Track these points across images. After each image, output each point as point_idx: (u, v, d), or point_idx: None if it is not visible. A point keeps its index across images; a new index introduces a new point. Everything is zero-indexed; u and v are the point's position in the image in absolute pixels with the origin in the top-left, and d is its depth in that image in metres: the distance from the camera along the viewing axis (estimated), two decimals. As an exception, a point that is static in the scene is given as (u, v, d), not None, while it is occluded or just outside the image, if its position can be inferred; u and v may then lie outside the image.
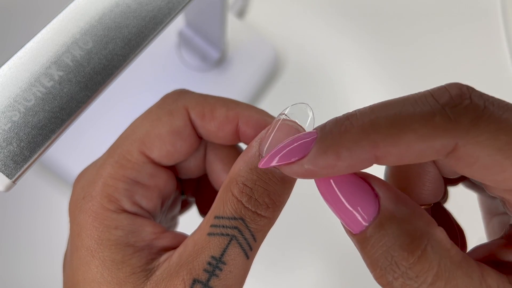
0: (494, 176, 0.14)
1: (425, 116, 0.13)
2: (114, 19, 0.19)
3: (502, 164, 0.13)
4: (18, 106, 0.18)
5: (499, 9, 0.51)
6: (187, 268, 0.16)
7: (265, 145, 0.16)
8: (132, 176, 0.19)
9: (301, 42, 0.49)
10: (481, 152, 0.13)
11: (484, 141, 0.13)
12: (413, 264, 0.13)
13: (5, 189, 0.17)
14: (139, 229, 0.18)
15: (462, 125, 0.13)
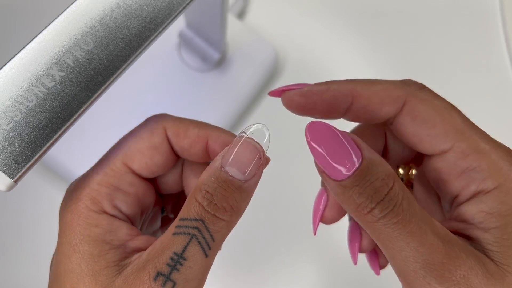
0: (429, 130, 0.18)
1: (390, 81, 0.19)
2: (115, 20, 0.20)
3: (435, 119, 0.18)
4: (20, 106, 0.18)
5: (498, 8, 0.51)
6: (152, 263, 0.18)
7: (227, 159, 0.19)
8: (114, 183, 0.21)
9: (301, 43, 0.49)
10: (421, 107, 0.18)
11: (424, 100, 0.19)
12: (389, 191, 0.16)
13: (7, 189, 0.17)
14: (116, 230, 0.20)
15: (412, 88, 0.19)
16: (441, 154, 0.18)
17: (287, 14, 0.50)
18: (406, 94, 0.19)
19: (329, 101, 0.19)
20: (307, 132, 0.18)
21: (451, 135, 0.18)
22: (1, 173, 0.17)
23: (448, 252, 0.16)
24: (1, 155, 0.17)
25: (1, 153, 0.17)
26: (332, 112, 0.19)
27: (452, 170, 0.18)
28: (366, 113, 0.19)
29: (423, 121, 0.18)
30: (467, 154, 0.18)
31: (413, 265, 0.16)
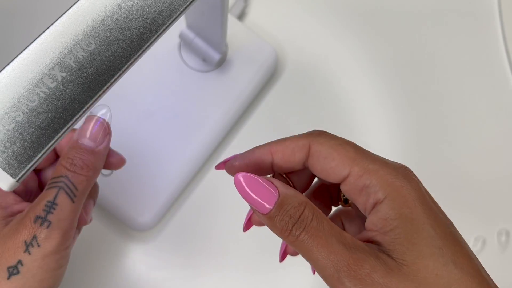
0: (330, 164, 0.22)
1: (296, 136, 0.24)
2: (116, 21, 0.20)
3: (332, 155, 0.22)
4: (22, 106, 0.18)
5: (496, 9, 0.52)
6: (32, 211, 0.24)
7: (80, 133, 0.26)
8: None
9: (301, 43, 0.49)
10: (321, 147, 0.23)
11: (323, 142, 0.23)
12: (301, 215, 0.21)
13: (9, 188, 0.18)
14: (4, 195, 0.26)
15: (313, 136, 0.24)
16: (344, 180, 0.22)
17: (287, 15, 0.50)
18: (309, 141, 0.23)
19: (257, 162, 0.24)
20: (236, 182, 0.22)
21: (347, 164, 0.22)
22: (4, 172, 0.17)
23: (352, 256, 0.20)
24: (4, 154, 0.17)
25: (4, 152, 0.17)
26: (261, 169, 0.25)
27: (354, 190, 0.22)
28: (286, 163, 0.24)
29: (324, 158, 0.23)
30: (360, 175, 0.22)
31: (329, 270, 0.20)
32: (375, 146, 0.47)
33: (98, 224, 0.43)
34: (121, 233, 0.43)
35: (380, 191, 0.21)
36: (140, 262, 0.43)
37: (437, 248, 0.20)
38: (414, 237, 0.20)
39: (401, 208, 0.21)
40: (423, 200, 0.21)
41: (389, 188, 0.21)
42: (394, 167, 0.22)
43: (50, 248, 0.23)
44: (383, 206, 0.21)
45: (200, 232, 0.44)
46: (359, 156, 0.22)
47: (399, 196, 0.21)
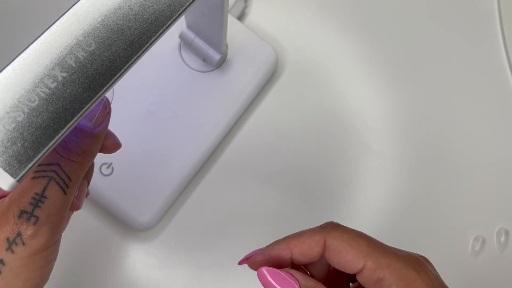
0: (345, 258, 0.24)
1: (311, 229, 0.26)
2: (117, 21, 0.20)
3: (346, 249, 0.24)
4: (22, 106, 0.18)
5: (496, 9, 0.52)
6: (15, 204, 0.21)
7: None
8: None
9: (301, 44, 0.49)
10: (336, 242, 0.24)
11: (337, 237, 0.24)
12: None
13: (10, 189, 0.18)
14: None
15: (327, 230, 0.25)
16: (359, 272, 0.24)
17: (287, 15, 0.50)
18: (323, 235, 0.25)
19: (277, 257, 0.26)
20: (261, 275, 0.24)
21: (361, 258, 0.23)
22: (4, 172, 0.17)
23: None
24: (4, 154, 0.17)
25: (4, 152, 0.17)
26: (282, 263, 0.26)
27: (370, 282, 0.24)
28: (304, 257, 0.25)
29: (339, 253, 0.24)
30: (374, 269, 0.23)
31: None
32: (375, 145, 0.47)
33: (98, 224, 0.43)
34: (121, 233, 0.43)
35: (393, 284, 0.23)
36: (140, 262, 0.43)
37: None
38: None
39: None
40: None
41: (401, 283, 0.23)
42: (405, 259, 0.24)
43: (38, 246, 0.21)
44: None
45: (200, 231, 0.44)
46: (371, 250, 0.24)
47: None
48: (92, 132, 0.22)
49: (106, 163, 0.41)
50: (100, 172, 0.41)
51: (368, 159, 0.47)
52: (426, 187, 0.47)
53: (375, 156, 0.47)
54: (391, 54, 0.50)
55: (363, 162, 0.46)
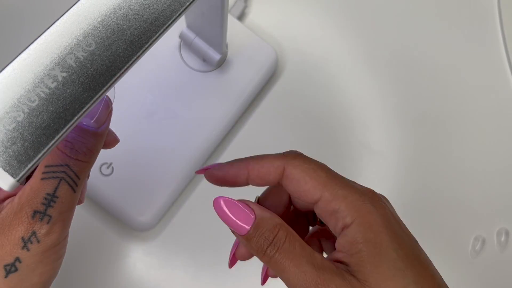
0: (302, 188, 0.24)
1: (273, 155, 0.25)
2: (117, 21, 0.20)
3: (305, 179, 0.24)
4: (22, 106, 0.18)
5: (496, 9, 0.52)
6: (28, 205, 0.22)
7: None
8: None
9: (301, 44, 0.49)
10: (295, 171, 0.24)
11: (297, 166, 0.24)
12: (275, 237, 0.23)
13: (10, 188, 0.18)
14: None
15: (288, 158, 0.25)
16: (316, 203, 0.24)
17: (287, 16, 0.50)
18: (284, 163, 0.25)
19: (234, 175, 0.26)
20: (216, 205, 0.24)
21: (318, 188, 0.23)
22: (4, 172, 0.17)
23: (320, 276, 0.21)
24: (4, 154, 0.17)
25: (4, 152, 0.17)
26: (237, 182, 0.26)
27: (325, 213, 0.24)
28: (261, 180, 0.25)
29: (297, 181, 0.24)
30: (330, 200, 0.23)
31: (292, 284, 0.22)
32: (375, 145, 0.47)
33: (98, 224, 0.43)
34: (121, 233, 0.43)
35: (348, 216, 0.23)
36: (141, 262, 0.43)
37: (399, 270, 0.22)
38: (377, 260, 0.22)
39: (366, 232, 0.22)
40: (387, 225, 0.23)
41: (356, 214, 0.23)
42: (362, 192, 0.24)
43: (51, 242, 0.22)
44: (350, 230, 0.23)
45: (200, 231, 0.44)
46: (329, 181, 0.24)
47: (365, 221, 0.22)
48: (96, 132, 0.23)
49: (106, 163, 0.41)
50: (100, 172, 0.41)
51: (368, 159, 0.47)
52: (426, 187, 0.47)
53: (375, 156, 0.47)
54: (391, 54, 0.50)
55: (363, 162, 0.46)
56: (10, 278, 0.22)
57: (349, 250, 0.22)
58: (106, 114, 0.24)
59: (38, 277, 0.23)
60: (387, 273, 0.22)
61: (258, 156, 0.26)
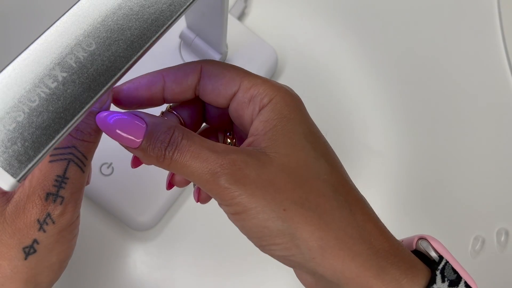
0: (221, 81, 0.23)
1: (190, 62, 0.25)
2: (117, 21, 0.20)
3: (223, 72, 0.24)
4: (23, 106, 0.18)
5: (496, 9, 0.52)
6: (39, 187, 0.22)
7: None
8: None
9: (301, 44, 0.49)
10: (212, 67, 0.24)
11: (215, 64, 0.24)
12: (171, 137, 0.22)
13: (10, 188, 0.18)
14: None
15: (205, 60, 0.25)
16: (234, 96, 0.23)
17: (287, 16, 0.50)
18: (200, 63, 0.24)
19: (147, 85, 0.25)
20: (100, 121, 0.22)
21: (237, 79, 0.23)
22: (4, 172, 0.17)
23: (224, 158, 0.21)
24: (4, 154, 0.17)
25: (4, 152, 0.17)
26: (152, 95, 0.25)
27: (243, 104, 0.23)
28: (178, 85, 0.24)
29: (215, 76, 0.24)
30: (249, 87, 0.23)
31: (205, 177, 0.21)
32: (375, 145, 0.47)
33: (98, 224, 0.43)
34: (121, 233, 0.43)
35: (266, 97, 0.23)
36: (141, 262, 0.43)
37: (311, 143, 0.22)
38: (290, 132, 0.22)
39: (282, 109, 0.22)
40: (302, 107, 0.23)
41: (273, 94, 0.23)
42: (280, 83, 0.24)
43: (65, 222, 0.23)
44: (265, 110, 0.22)
45: (200, 231, 0.44)
46: (248, 74, 0.24)
47: (282, 100, 0.22)
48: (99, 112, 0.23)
49: (106, 163, 0.41)
50: (100, 172, 0.41)
51: (368, 159, 0.47)
52: (426, 187, 0.47)
53: (375, 156, 0.47)
54: (391, 54, 0.50)
55: (363, 162, 0.46)
56: (30, 260, 0.22)
57: (263, 129, 0.22)
58: (107, 94, 0.24)
59: (56, 256, 0.23)
60: (298, 145, 0.22)
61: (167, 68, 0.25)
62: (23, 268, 0.22)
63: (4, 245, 0.22)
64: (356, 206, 0.22)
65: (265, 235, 0.21)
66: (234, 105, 0.24)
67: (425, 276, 0.22)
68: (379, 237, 0.22)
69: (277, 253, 0.22)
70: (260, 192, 0.21)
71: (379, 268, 0.21)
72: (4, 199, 0.23)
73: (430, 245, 0.23)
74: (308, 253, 0.21)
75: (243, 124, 0.24)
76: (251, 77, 0.24)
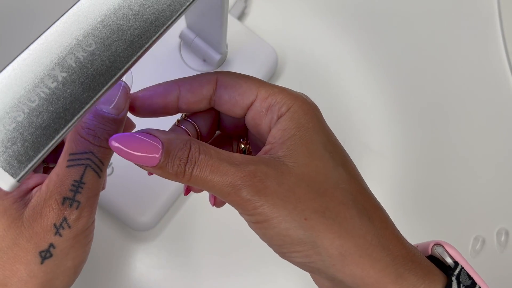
0: (238, 91, 0.24)
1: (204, 72, 0.25)
2: (117, 21, 0.20)
3: (239, 83, 0.24)
4: (22, 106, 0.18)
5: (496, 9, 0.52)
6: (56, 192, 0.22)
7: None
8: None
9: (301, 43, 0.49)
10: (228, 78, 0.24)
11: (230, 74, 0.24)
12: (189, 153, 0.21)
13: (10, 189, 0.18)
14: None
15: (220, 71, 0.25)
16: (251, 106, 0.24)
17: (287, 16, 0.50)
18: (216, 74, 0.24)
19: (162, 93, 0.25)
20: (114, 145, 0.22)
21: (254, 89, 0.23)
22: (4, 172, 0.17)
23: (243, 171, 0.21)
24: (4, 154, 0.17)
25: (4, 152, 0.17)
26: (167, 104, 0.25)
27: (261, 113, 0.24)
28: (194, 95, 0.24)
29: (231, 87, 0.24)
30: (266, 97, 0.23)
31: (227, 189, 0.21)
32: (375, 145, 0.47)
33: (98, 224, 0.43)
34: (121, 233, 0.43)
35: (284, 105, 0.23)
36: (141, 262, 0.43)
37: (329, 153, 0.22)
38: (308, 142, 0.22)
39: (300, 118, 0.23)
40: (320, 116, 0.24)
41: (291, 102, 0.23)
42: (297, 92, 0.24)
43: (81, 226, 0.23)
44: (284, 119, 0.23)
45: (200, 231, 0.44)
46: (264, 83, 0.24)
47: (300, 109, 0.23)
48: (116, 118, 0.24)
49: (106, 163, 0.41)
50: (100, 172, 0.41)
51: (368, 159, 0.47)
52: (426, 187, 0.47)
53: (375, 156, 0.47)
54: (391, 54, 0.50)
55: (363, 162, 0.46)
56: (46, 264, 0.23)
57: (281, 138, 0.22)
58: (125, 100, 0.24)
59: (72, 261, 0.23)
60: (316, 154, 0.22)
61: (190, 77, 0.25)
62: (39, 272, 0.22)
63: (22, 249, 0.22)
64: (375, 214, 0.22)
65: (286, 243, 0.22)
66: (251, 114, 0.24)
67: (441, 282, 0.22)
68: (397, 243, 0.22)
69: (297, 260, 0.22)
70: (282, 202, 0.21)
71: (397, 274, 0.21)
72: (22, 203, 0.23)
73: (445, 251, 0.24)
74: (329, 260, 0.21)
75: (260, 133, 0.24)
76: (268, 86, 0.24)
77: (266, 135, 0.24)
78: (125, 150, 0.21)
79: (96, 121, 0.23)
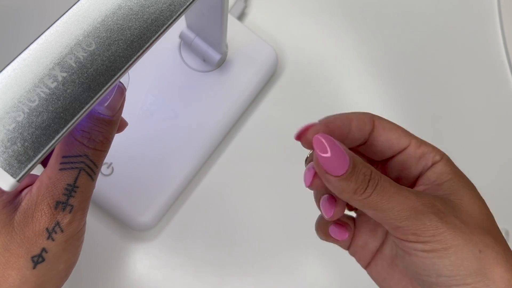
0: (394, 135, 0.26)
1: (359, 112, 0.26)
2: (117, 21, 0.20)
3: (394, 128, 0.26)
4: (22, 106, 0.18)
5: (496, 9, 0.52)
6: (49, 196, 0.22)
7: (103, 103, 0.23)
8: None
9: (301, 44, 0.49)
10: (384, 122, 0.26)
11: (384, 119, 0.26)
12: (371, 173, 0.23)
13: (10, 188, 0.18)
14: None
15: (372, 114, 0.26)
16: (405, 149, 0.26)
17: (287, 16, 0.50)
18: (372, 116, 0.26)
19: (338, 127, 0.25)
20: (321, 137, 0.22)
21: (407, 137, 0.26)
22: (4, 172, 0.17)
23: (420, 198, 0.23)
24: (4, 154, 0.17)
25: (4, 152, 0.17)
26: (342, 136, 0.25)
27: (413, 158, 0.26)
28: (360, 131, 0.26)
29: (389, 130, 0.26)
30: (419, 145, 0.26)
31: (404, 214, 0.22)
32: (375, 146, 0.47)
33: (98, 224, 0.43)
34: (121, 233, 0.43)
35: (437, 155, 0.26)
36: (141, 262, 0.43)
37: (480, 197, 0.25)
38: (466, 185, 0.25)
39: (453, 166, 0.26)
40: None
41: (442, 154, 0.26)
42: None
43: (73, 230, 0.23)
44: (440, 164, 0.26)
45: (200, 231, 0.44)
46: (409, 133, 0.27)
47: (449, 159, 0.26)
48: (111, 120, 0.23)
49: (106, 163, 0.41)
50: (100, 172, 0.41)
51: (368, 159, 0.47)
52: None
53: (375, 156, 0.47)
54: (391, 54, 0.50)
55: (363, 162, 0.46)
56: (38, 268, 0.23)
57: (436, 180, 0.25)
58: (120, 101, 0.24)
59: (64, 264, 0.24)
60: (475, 194, 0.25)
61: (342, 115, 0.26)
62: (32, 277, 0.22)
63: (13, 254, 0.22)
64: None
65: (458, 274, 0.22)
66: (402, 158, 0.26)
67: None
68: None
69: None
70: (460, 232, 0.22)
71: None
72: (12, 207, 0.23)
73: None
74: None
75: (408, 175, 0.27)
76: (416, 137, 0.27)
77: (414, 177, 0.26)
78: (327, 148, 0.22)
79: (91, 123, 0.23)
